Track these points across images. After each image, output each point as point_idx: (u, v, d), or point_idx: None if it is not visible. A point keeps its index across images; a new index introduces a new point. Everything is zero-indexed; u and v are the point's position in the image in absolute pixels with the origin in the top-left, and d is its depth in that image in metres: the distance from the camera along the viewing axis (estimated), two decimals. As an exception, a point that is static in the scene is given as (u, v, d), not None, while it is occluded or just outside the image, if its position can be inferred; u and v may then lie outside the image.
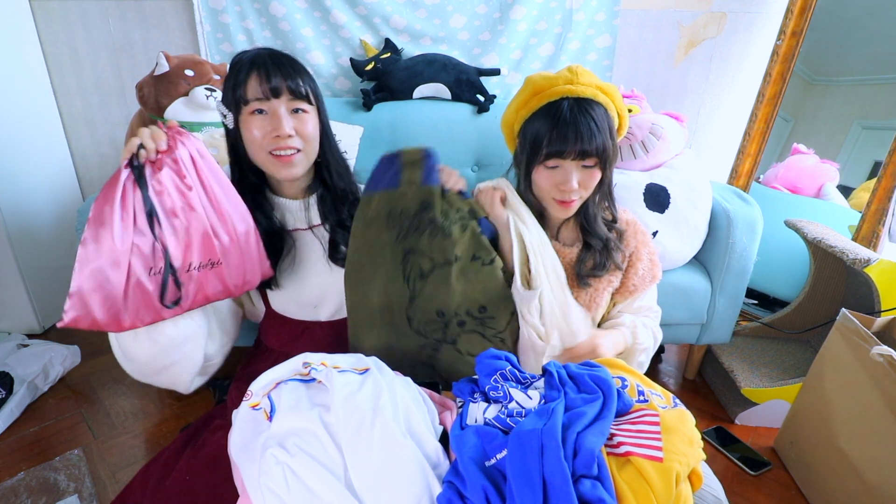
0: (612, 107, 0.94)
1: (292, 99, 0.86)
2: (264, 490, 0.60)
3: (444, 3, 1.82)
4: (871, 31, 1.72)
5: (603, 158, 0.91)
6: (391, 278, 0.91)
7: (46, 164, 1.90)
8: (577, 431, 0.64)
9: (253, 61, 0.85)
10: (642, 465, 0.63)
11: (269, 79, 0.84)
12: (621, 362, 0.84)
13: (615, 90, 0.96)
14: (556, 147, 0.89)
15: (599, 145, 0.89)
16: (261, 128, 0.86)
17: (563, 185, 0.92)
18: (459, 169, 1.81)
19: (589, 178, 0.94)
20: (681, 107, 2.04)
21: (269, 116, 0.86)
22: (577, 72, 0.94)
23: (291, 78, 0.85)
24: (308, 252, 0.99)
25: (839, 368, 1.19)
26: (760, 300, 1.83)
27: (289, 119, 0.86)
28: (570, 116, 0.89)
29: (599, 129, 0.89)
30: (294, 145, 0.88)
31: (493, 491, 0.61)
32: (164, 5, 1.85)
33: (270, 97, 0.85)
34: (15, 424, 1.42)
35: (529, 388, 0.75)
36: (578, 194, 0.95)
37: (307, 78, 0.89)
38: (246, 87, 0.84)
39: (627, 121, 1.01)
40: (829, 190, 1.75)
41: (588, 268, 0.99)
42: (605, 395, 0.71)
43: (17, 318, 1.81)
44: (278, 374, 0.73)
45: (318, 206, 0.99)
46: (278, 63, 0.85)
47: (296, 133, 0.87)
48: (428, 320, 0.93)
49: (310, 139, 0.90)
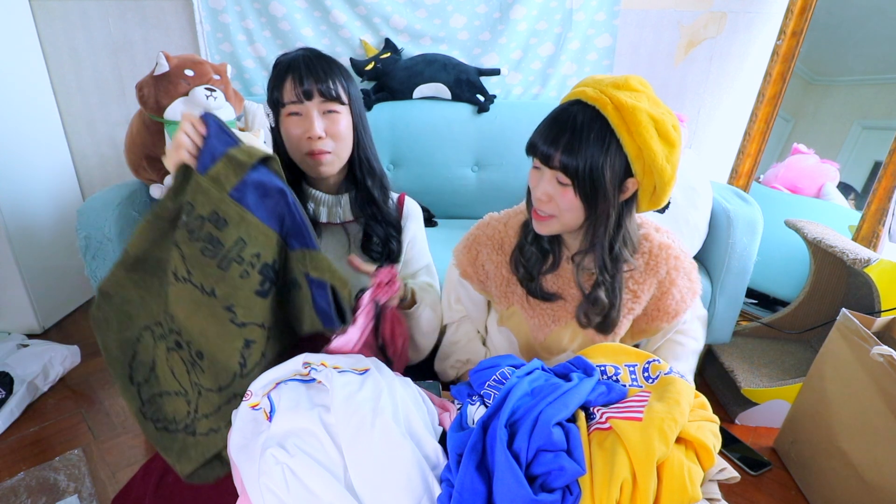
0: (622, 131, 0.74)
1: (324, 101, 0.90)
2: (264, 490, 0.60)
3: (444, 3, 1.82)
4: (871, 31, 1.72)
5: (579, 182, 0.75)
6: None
7: (46, 164, 1.90)
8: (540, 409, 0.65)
9: (289, 65, 0.90)
10: (620, 426, 0.63)
11: (301, 81, 0.88)
12: (621, 346, 0.83)
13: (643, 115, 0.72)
14: (531, 142, 0.79)
15: (572, 163, 0.73)
16: (296, 129, 0.91)
17: (536, 190, 0.81)
18: (459, 169, 1.82)
19: (561, 196, 0.78)
20: (681, 107, 2.04)
21: (303, 118, 0.91)
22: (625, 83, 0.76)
23: (323, 80, 0.89)
24: (334, 247, 1.02)
25: (839, 368, 1.19)
26: (760, 300, 1.83)
27: (320, 121, 0.91)
28: (561, 115, 0.76)
29: (581, 144, 0.73)
30: (326, 148, 0.92)
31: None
32: (164, 5, 1.85)
33: (303, 100, 0.89)
34: (15, 424, 1.42)
35: None
36: (551, 210, 0.80)
37: (340, 78, 0.92)
38: (282, 91, 0.90)
39: (661, 169, 0.75)
40: (829, 190, 1.75)
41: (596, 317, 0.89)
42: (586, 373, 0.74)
43: (17, 318, 1.81)
44: (278, 374, 0.73)
45: (350, 204, 1.03)
46: (311, 66, 0.89)
47: (327, 134, 0.92)
48: (157, 318, 0.81)
49: (341, 138, 0.94)
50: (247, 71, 1.89)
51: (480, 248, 0.97)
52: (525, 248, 0.92)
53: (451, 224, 1.76)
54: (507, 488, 0.59)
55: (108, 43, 1.89)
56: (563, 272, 0.92)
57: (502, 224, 0.97)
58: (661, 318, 0.93)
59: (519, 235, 0.94)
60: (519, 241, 0.93)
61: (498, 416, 0.65)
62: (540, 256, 0.91)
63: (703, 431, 0.66)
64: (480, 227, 0.99)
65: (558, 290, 0.92)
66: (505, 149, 1.80)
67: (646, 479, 0.60)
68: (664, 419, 0.63)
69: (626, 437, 0.62)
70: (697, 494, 0.62)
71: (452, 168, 1.82)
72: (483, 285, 0.98)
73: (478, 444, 0.64)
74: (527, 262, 0.91)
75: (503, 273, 0.95)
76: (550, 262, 0.91)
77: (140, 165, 1.52)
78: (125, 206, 1.39)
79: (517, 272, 0.93)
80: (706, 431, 0.67)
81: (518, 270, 0.92)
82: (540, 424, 0.63)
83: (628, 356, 0.80)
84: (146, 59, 1.91)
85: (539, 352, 0.98)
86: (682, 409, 0.65)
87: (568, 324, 0.93)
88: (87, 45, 1.89)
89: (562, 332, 0.94)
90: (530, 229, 0.90)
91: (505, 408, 0.65)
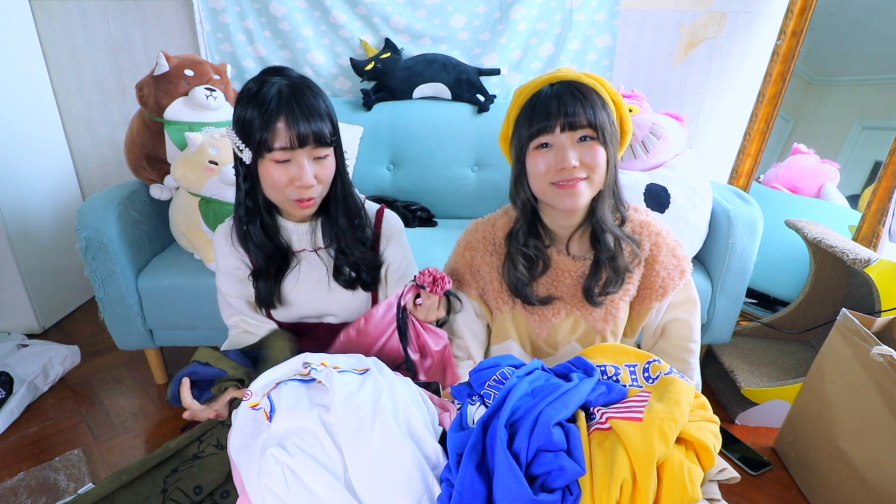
0: (601, 90, 0.86)
1: (316, 147, 0.85)
2: (264, 490, 0.60)
3: (444, 3, 1.82)
4: (871, 31, 1.72)
5: (600, 130, 0.82)
6: None
7: (46, 164, 1.90)
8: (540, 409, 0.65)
9: (278, 103, 0.82)
10: (620, 426, 0.63)
11: (296, 124, 0.82)
12: (621, 346, 0.83)
13: (602, 78, 0.89)
14: (540, 121, 0.82)
15: (590, 115, 0.81)
16: (282, 175, 0.85)
17: (560, 162, 0.82)
18: (459, 169, 1.82)
19: (590, 153, 0.83)
20: (681, 107, 2.04)
21: (292, 164, 0.84)
22: (558, 68, 0.89)
23: (316, 122, 0.83)
24: (312, 271, 1.00)
25: (839, 368, 1.19)
26: (760, 300, 1.83)
27: (311, 168, 0.85)
28: (552, 91, 0.83)
29: (587, 99, 0.82)
30: (313, 195, 0.88)
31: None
32: (164, 5, 1.85)
33: (296, 147, 0.83)
34: (15, 424, 1.42)
35: None
36: (584, 172, 0.83)
37: (327, 111, 0.86)
38: (272, 134, 0.82)
39: (625, 109, 0.90)
40: (829, 190, 1.75)
41: (601, 287, 0.91)
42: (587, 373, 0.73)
43: (17, 318, 1.81)
44: (278, 373, 0.73)
45: (321, 230, 0.99)
46: (304, 107, 0.82)
47: (317, 180, 0.87)
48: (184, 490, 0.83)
49: (327, 181, 0.90)
50: (247, 71, 1.89)
51: (475, 253, 0.97)
52: (514, 257, 0.93)
53: (451, 224, 1.76)
54: (507, 488, 0.59)
55: (108, 43, 1.89)
56: (554, 271, 0.94)
57: (490, 226, 0.98)
58: (651, 296, 0.94)
59: (507, 242, 0.95)
60: (508, 251, 0.94)
61: (498, 416, 0.65)
62: (527, 265, 0.92)
63: (703, 431, 0.66)
64: (469, 233, 1.00)
65: (552, 292, 0.94)
66: (505, 149, 1.80)
67: (646, 479, 0.60)
68: (664, 419, 0.63)
69: (626, 438, 0.62)
70: (697, 494, 0.62)
71: (452, 168, 1.82)
72: (480, 291, 0.99)
73: (478, 444, 0.64)
74: (517, 274, 0.92)
75: (499, 274, 0.95)
76: (540, 266, 0.93)
77: (140, 165, 1.52)
78: (125, 206, 1.39)
79: (510, 285, 0.94)
80: (706, 431, 0.66)
81: (509, 282, 0.94)
82: (540, 424, 0.63)
83: (628, 356, 0.80)
84: (146, 59, 1.91)
85: (543, 348, 0.98)
86: (682, 409, 0.65)
87: (568, 315, 0.95)
88: (87, 45, 1.89)
89: (563, 324, 0.96)
90: (515, 237, 0.93)
91: (505, 408, 0.65)
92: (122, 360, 1.72)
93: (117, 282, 1.36)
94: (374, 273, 1.00)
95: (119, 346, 1.47)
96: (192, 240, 1.44)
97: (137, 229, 1.43)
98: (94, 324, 1.89)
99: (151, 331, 1.47)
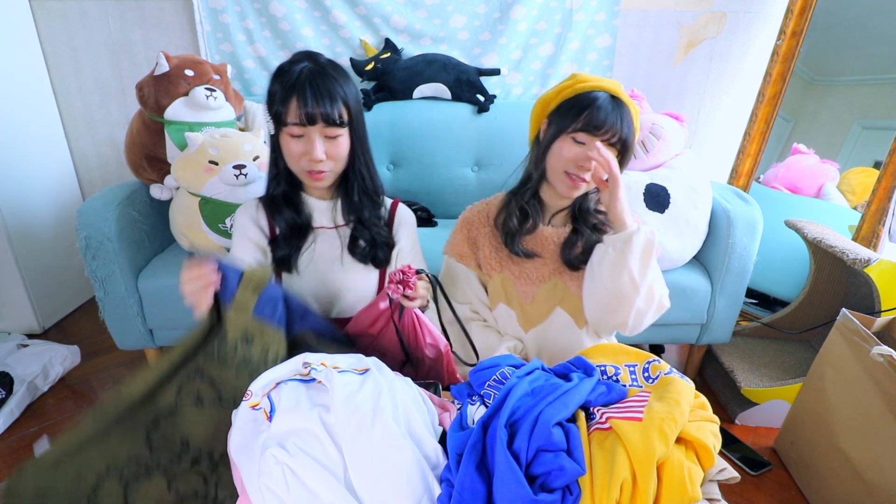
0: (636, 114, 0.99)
1: (326, 126, 0.91)
2: (264, 490, 0.60)
3: (444, 3, 1.82)
4: (871, 31, 1.72)
5: (624, 150, 0.97)
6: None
7: (46, 164, 1.90)
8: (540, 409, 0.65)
9: (294, 84, 0.89)
10: (620, 426, 0.63)
11: (306, 104, 0.89)
12: (621, 346, 0.84)
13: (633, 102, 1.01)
14: (596, 122, 0.94)
15: (628, 136, 0.96)
16: (297, 147, 0.93)
17: (587, 162, 0.95)
18: (459, 169, 1.82)
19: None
20: (681, 107, 2.04)
21: (305, 139, 0.92)
22: (611, 79, 1.01)
23: (328, 105, 0.90)
24: (328, 248, 1.04)
25: (839, 368, 1.19)
26: (760, 300, 1.83)
27: (322, 145, 0.92)
28: (611, 104, 0.95)
29: (629, 125, 0.96)
30: (324, 168, 0.94)
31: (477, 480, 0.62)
32: (164, 5, 1.85)
33: (306, 124, 0.90)
34: (15, 424, 1.42)
35: None
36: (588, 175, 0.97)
37: (345, 97, 0.93)
38: (286, 110, 0.90)
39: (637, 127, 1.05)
40: (829, 190, 1.75)
41: (578, 252, 1.03)
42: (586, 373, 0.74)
43: (17, 318, 1.81)
44: (278, 373, 0.73)
45: (342, 207, 1.05)
46: (316, 90, 0.89)
47: (327, 156, 0.93)
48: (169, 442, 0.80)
49: (340, 159, 0.96)
50: (247, 71, 1.89)
51: (471, 226, 1.11)
52: (510, 208, 1.06)
53: (451, 224, 1.73)
54: (507, 488, 0.59)
55: (108, 43, 1.89)
56: (539, 236, 1.06)
57: (484, 205, 1.12)
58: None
59: (506, 198, 1.09)
60: (506, 203, 1.08)
61: (498, 416, 0.65)
62: (521, 218, 1.05)
63: (703, 431, 0.66)
64: (466, 213, 1.14)
65: (535, 250, 1.06)
66: (505, 149, 1.80)
67: (646, 479, 0.60)
68: (664, 419, 0.63)
69: (626, 437, 0.62)
70: (697, 494, 0.62)
71: (452, 168, 1.82)
72: (477, 260, 1.10)
73: (478, 444, 0.64)
74: (510, 223, 1.05)
75: (493, 242, 1.08)
76: (530, 223, 1.05)
77: (140, 165, 1.52)
78: (125, 206, 1.39)
79: (501, 233, 1.07)
80: (706, 431, 0.66)
81: (502, 230, 1.06)
82: (540, 424, 0.63)
83: (628, 356, 0.80)
84: (146, 59, 1.91)
85: (532, 315, 1.07)
86: (682, 409, 0.65)
87: (549, 279, 1.05)
88: (87, 45, 1.89)
89: (546, 290, 1.06)
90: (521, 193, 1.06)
91: (505, 408, 0.65)
92: (122, 360, 1.72)
93: (117, 282, 1.36)
94: (386, 252, 1.07)
95: (119, 345, 1.47)
96: (192, 240, 1.44)
97: (137, 229, 1.43)
98: (94, 324, 1.89)
99: (151, 331, 1.47)
